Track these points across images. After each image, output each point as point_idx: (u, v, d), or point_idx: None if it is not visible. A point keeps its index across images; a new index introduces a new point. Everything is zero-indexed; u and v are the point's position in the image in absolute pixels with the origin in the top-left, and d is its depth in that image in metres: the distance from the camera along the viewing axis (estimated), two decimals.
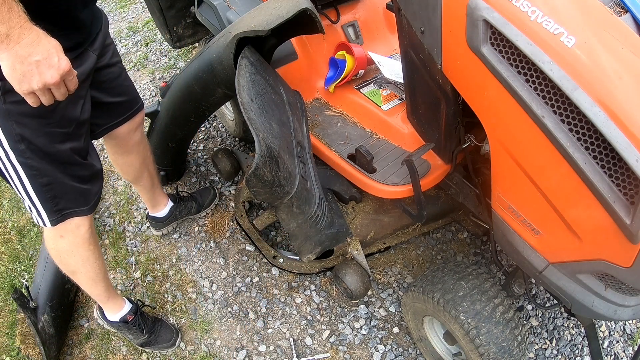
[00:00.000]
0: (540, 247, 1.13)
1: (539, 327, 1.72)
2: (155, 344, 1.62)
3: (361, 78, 1.84)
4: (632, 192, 0.82)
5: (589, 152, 0.86)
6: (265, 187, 1.21)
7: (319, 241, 1.48)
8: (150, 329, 1.61)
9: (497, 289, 1.32)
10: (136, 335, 1.59)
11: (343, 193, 1.70)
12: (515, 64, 0.91)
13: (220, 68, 1.43)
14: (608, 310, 1.07)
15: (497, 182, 1.16)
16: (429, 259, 1.90)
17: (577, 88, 0.81)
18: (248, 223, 1.87)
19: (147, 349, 1.63)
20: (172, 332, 1.65)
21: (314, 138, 1.65)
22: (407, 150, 1.57)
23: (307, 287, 1.80)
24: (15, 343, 1.65)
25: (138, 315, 1.58)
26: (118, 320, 1.56)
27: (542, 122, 0.89)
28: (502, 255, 1.85)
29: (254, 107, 1.23)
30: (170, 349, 1.64)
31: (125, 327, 1.57)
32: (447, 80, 1.11)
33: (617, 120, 0.78)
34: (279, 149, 1.24)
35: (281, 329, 1.69)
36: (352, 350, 1.64)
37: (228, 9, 1.78)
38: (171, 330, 1.65)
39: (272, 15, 1.35)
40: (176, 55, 3.01)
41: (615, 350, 1.70)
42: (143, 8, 3.53)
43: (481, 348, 1.23)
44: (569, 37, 0.82)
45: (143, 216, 2.06)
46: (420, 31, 1.11)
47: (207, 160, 2.30)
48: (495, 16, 0.89)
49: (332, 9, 1.88)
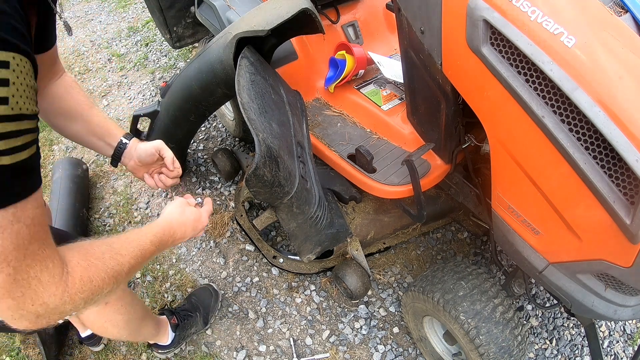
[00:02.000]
0: (540, 247, 1.13)
1: (539, 327, 1.72)
2: (211, 310, 1.67)
3: (361, 78, 1.84)
4: (632, 192, 0.82)
5: (589, 152, 0.86)
6: (265, 187, 1.21)
7: (319, 241, 1.48)
8: (193, 308, 1.62)
9: (497, 289, 1.32)
10: (194, 322, 1.60)
11: (343, 193, 1.70)
12: (515, 64, 0.91)
13: (220, 68, 1.43)
14: (608, 310, 1.07)
15: (497, 182, 1.16)
16: (429, 259, 1.90)
17: (577, 88, 0.81)
18: (248, 223, 1.87)
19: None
20: (210, 294, 1.71)
21: (314, 138, 1.65)
22: (407, 150, 1.57)
23: (307, 287, 1.80)
24: (15, 343, 1.65)
25: (175, 312, 1.58)
26: (174, 333, 1.55)
27: (542, 122, 0.89)
28: (502, 255, 1.85)
29: (254, 107, 1.23)
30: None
31: (183, 329, 1.57)
32: (447, 80, 1.11)
33: (617, 120, 0.78)
34: (278, 149, 1.24)
35: (281, 329, 1.69)
36: (352, 350, 1.64)
37: (228, 9, 1.78)
38: (209, 293, 1.71)
39: (272, 15, 1.35)
40: (176, 55, 3.01)
41: (615, 350, 1.70)
42: (143, 8, 3.53)
43: (481, 348, 1.23)
44: (569, 37, 0.81)
45: (143, 216, 2.06)
46: (420, 31, 1.11)
47: (207, 160, 2.30)
48: (495, 16, 0.89)
49: (332, 9, 1.88)
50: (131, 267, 0.74)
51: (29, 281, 0.56)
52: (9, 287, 0.54)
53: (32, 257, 0.56)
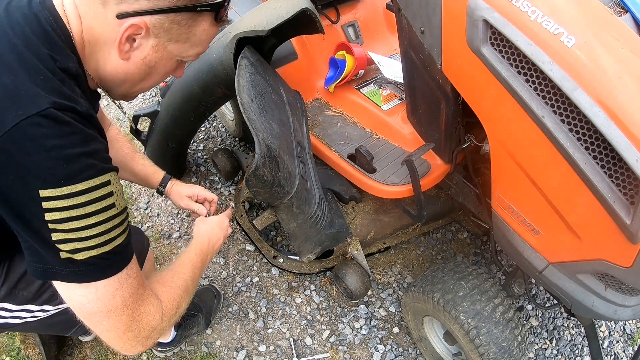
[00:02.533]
0: (540, 247, 1.13)
1: (539, 327, 1.72)
2: (213, 311, 1.67)
3: (361, 78, 1.84)
4: (632, 192, 0.82)
5: (589, 152, 0.86)
6: (265, 187, 1.21)
7: (319, 241, 1.48)
8: (196, 308, 1.62)
9: (497, 289, 1.32)
10: (195, 322, 1.60)
11: (343, 193, 1.70)
12: (515, 64, 0.91)
13: (220, 68, 1.42)
14: (608, 310, 1.07)
15: (497, 182, 1.16)
16: (429, 259, 1.90)
17: (577, 88, 0.81)
18: (248, 223, 1.87)
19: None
20: (212, 295, 1.71)
21: (314, 138, 1.65)
22: (407, 150, 1.57)
23: (307, 287, 1.80)
24: (15, 343, 1.65)
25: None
26: (176, 332, 1.54)
27: (542, 122, 0.89)
28: (502, 255, 1.85)
29: (254, 107, 1.23)
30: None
31: (185, 328, 1.57)
32: (447, 80, 1.11)
33: (617, 120, 0.78)
34: (278, 149, 1.24)
35: (281, 329, 1.69)
36: (352, 350, 1.64)
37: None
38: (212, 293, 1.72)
39: (272, 15, 1.35)
40: None
41: (615, 350, 1.70)
42: None
43: (481, 348, 1.23)
44: (569, 37, 0.82)
45: (143, 216, 2.06)
46: (420, 31, 1.11)
47: (207, 160, 2.30)
48: (495, 16, 0.89)
49: (332, 9, 1.88)
50: (193, 279, 0.94)
51: (141, 316, 0.75)
52: (129, 324, 0.73)
53: (140, 298, 0.75)
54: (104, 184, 0.67)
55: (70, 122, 0.64)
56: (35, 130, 0.61)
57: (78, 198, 0.63)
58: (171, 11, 0.69)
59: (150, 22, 0.69)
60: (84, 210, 0.64)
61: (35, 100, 0.62)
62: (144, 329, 0.76)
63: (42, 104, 0.61)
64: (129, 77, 0.77)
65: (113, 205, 0.68)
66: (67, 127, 0.63)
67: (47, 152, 0.61)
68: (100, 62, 0.74)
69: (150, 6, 0.67)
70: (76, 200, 0.63)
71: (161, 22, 0.69)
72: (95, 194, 0.65)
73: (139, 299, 0.75)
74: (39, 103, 0.61)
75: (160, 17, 0.69)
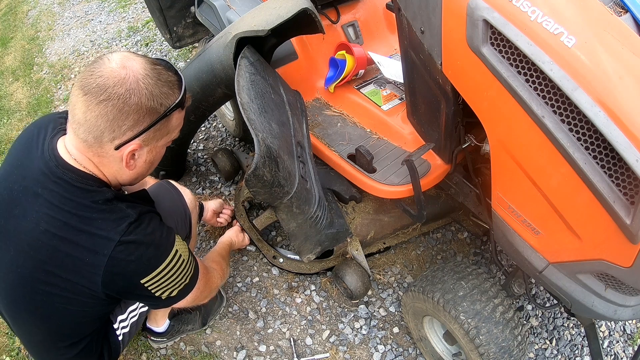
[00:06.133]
0: (540, 247, 1.13)
1: (539, 327, 1.72)
2: (211, 312, 1.69)
3: (361, 78, 1.84)
4: (632, 192, 0.82)
5: (589, 152, 0.86)
6: (264, 187, 1.21)
7: (319, 241, 1.48)
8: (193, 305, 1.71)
9: (497, 289, 1.32)
10: (191, 319, 1.63)
11: (343, 193, 1.70)
12: (515, 64, 0.91)
13: (220, 68, 1.43)
14: (608, 310, 1.07)
15: (497, 182, 1.16)
16: (429, 259, 1.90)
17: (577, 88, 0.81)
18: (248, 223, 1.87)
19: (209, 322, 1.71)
20: (214, 296, 1.75)
21: (314, 138, 1.65)
22: (407, 150, 1.57)
23: (307, 287, 1.80)
24: (15, 343, 1.65)
25: None
26: (170, 322, 1.57)
27: (542, 122, 0.89)
28: (502, 255, 1.85)
29: (254, 107, 1.23)
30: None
31: (179, 321, 1.60)
32: (447, 80, 1.11)
33: (617, 120, 0.78)
34: (278, 149, 1.24)
35: (281, 329, 1.69)
36: (352, 350, 1.64)
37: (228, 9, 1.78)
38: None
39: (272, 15, 1.35)
40: (176, 55, 3.01)
41: (615, 350, 1.70)
42: (143, 8, 3.53)
43: (481, 348, 1.23)
44: (569, 37, 0.81)
45: None
46: (420, 31, 1.11)
47: (207, 160, 2.30)
48: (495, 16, 0.89)
49: (332, 9, 1.88)
50: (223, 258, 1.45)
51: (211, 286, 1.24)
52: (207, 294, 1.22)
53: (208, 278, 1.22)
54: (175, 254, 1.00)
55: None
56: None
57: (164, 272, 0.99)
58: (151, 126, 0.92)
59: (140, 140, 0.93)
60: (171, 276, 1.01)
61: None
62: (211, 290, 1.24)
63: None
64: (140, 176, 1.04)
65: (182, 259, 1.03)
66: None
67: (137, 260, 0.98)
68: (118, 179, 1.00)
69: (136, 132, 0.91)
70: (163, 273, 0.99)
71: (147, 136, 0.94)
72: (172, 264, 1.00)
73: (207, 281, 1.20)
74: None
75: (145, 134, 0.92)
